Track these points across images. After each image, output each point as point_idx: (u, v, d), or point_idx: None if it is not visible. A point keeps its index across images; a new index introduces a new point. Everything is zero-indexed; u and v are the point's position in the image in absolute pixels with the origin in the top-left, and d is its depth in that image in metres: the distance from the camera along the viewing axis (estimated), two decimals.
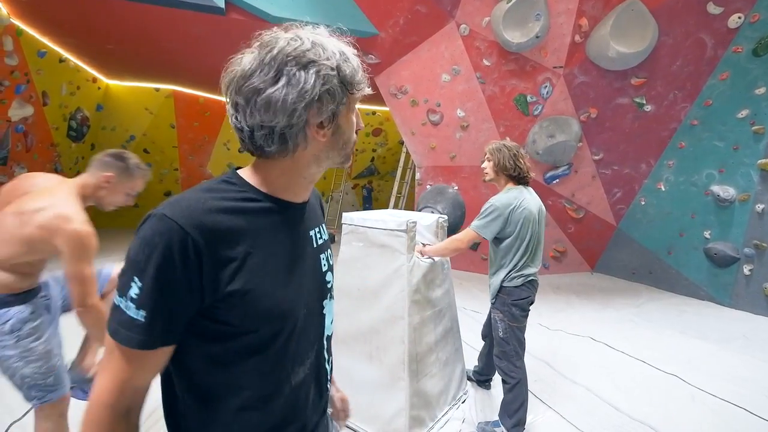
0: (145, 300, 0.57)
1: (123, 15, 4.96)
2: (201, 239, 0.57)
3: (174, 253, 0.56)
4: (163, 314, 0.58)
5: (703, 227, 4.79)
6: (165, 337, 0.59)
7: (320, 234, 0.81)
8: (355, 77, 0.69)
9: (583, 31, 4.51)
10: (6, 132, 5.82)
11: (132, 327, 0.57)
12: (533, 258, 2.15)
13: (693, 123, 4.89)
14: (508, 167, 2.16)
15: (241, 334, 0.63)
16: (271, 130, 0.63)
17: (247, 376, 0.65)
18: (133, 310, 0.57)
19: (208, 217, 0.60)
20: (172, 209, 0.58)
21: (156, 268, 0.56)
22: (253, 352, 0.64)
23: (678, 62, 4.61)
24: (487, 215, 2.13)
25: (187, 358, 0.64)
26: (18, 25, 5.53)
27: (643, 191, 5.49)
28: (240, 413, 0.65)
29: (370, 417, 2.08)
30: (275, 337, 0.65)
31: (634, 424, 2.35)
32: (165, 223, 0.57)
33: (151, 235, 0.57)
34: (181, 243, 0.56)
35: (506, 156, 2.16)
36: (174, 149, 9.53)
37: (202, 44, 5.58)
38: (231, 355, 0.64)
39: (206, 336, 0.62)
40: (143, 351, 0.58)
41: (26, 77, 5.95)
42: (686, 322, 4.09)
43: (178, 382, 0.66)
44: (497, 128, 5.42)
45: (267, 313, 0.64)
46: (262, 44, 0.64)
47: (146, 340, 0.58)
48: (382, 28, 5.39)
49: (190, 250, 0.57)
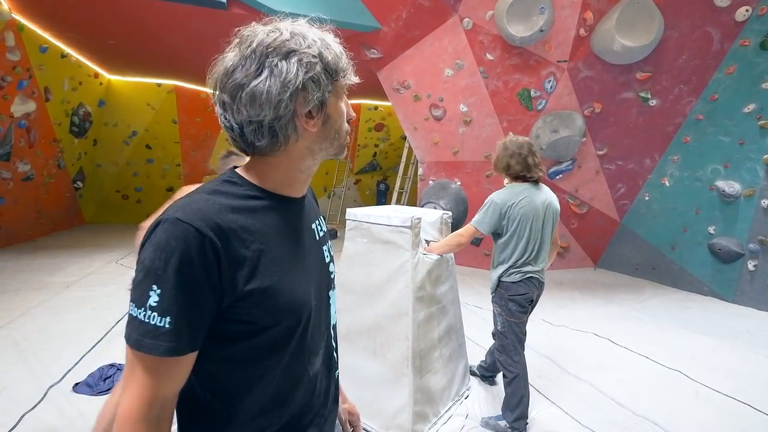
0: (169, 306, 0.55)
1: (124, 10, 4.94)
2: (217, 240, 0.57)
3: (193, 256, 0.56)
4: (189, 318, 0.57)
5: (708, 223, 4.76)
6: (193, 343, 0.58)
7: (320, 227, 0.83)
8: (338, 63, 0.68)
9: (588, 24, 4.46)
10: (9, 128, 5.82)
11: (158, 335, 0.55)
12: (536, 257, 2.12)
13: (698, 118, 4.84)
14: (499, 167, 2.17)
15: (262, 330, 0.63)
16: (260, 124, 0.63)
17: (269, 372, 0.66)
18: (157, 318, 0.55)
19: (221, 218, 0.59)
20: (185, 212, 0.58)
21: (176, 272, 0.55)
22: (274, 347, 0.65)
23: (684, 56, 4.56)
24: (484, 210, 2.14)
25: (205, 362, 0.62)
26: (19, 21, 5.51)
27: (647, 186, 5.46)
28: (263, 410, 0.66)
29: (373, 413, 2.09)
30: (293, 330, 0.66)
31: (637, 419, 2.35)
32: (180, 226, 0.57)
33: (167, 240, 0.56)
34: (199, 245, 0.56)
35: (500, 156, 2.17)
36: (176, 145, 9.51)
37: (204, 39, 5.55)
38: (252, 353, 0.64)
39: (225, 337, 0.62)
40: (171, 358, 0.57)
41: (28, 73, 5.94)
42: (690, 318, 4.08)
43: (198, 384, 0.65)
44: (500, 123, 5.39)
45: (285, 307, 0.65)
46: (241, 39, 0.64)
47: (175, 347, 0.56)
48: (384, 23, 5.35)
49: (209, 251, 0.57)
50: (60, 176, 7.49)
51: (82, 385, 2.42)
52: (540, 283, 2.18)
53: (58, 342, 3.03)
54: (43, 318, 3.49)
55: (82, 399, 2.33)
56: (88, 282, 4.59)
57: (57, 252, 5.95)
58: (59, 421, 2.12)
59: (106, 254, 5.86)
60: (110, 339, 3.13)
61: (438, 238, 2.32)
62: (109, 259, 5.59)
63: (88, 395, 2.35)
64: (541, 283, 2.18)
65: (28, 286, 4.30)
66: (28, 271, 4.84)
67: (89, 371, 2.56)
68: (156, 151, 9.34)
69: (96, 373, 2.52)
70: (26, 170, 6.40)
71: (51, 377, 2.54)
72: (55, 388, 2.42)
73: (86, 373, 2.54)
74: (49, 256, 5.64)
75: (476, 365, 2.74)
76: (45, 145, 6.80)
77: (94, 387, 2.40)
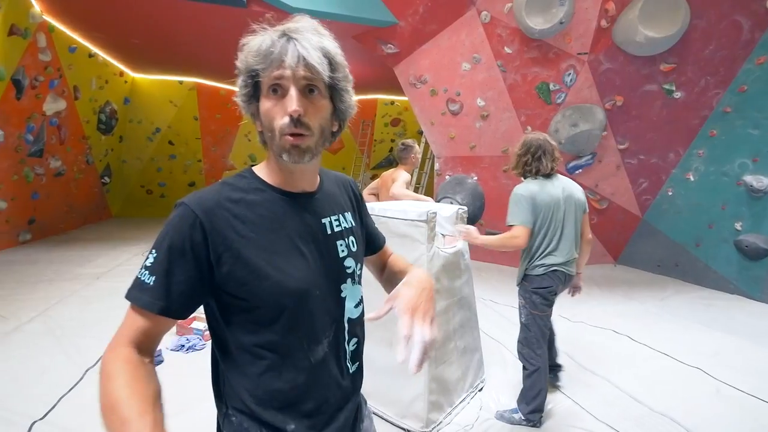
0: (156, 267, 0.67)
1: (148, 10, 5.09)
2: (207, 222, 0.68)
3: (184, 231, 0.67)
4: (169, 280, 0.66)
5: (734, 218, 4.62)
6: (168, 307, 0.67)
7: (338, 222, 0.84)
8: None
9: (610, 15, 4.36)
10: (42, 126, 6.09)
11: (143, 290, 0.67)
12: (556, 247, 2.11)
13: (726, 110, 4.68)
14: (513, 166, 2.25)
15: (252, 308, 0.71)
16: None
17: (263, 349, 0.73)
18: (147, 275, 0.67)
19: (218, 205, 0.70)
20: (190, 198, 0.70)
21: (169, 242, 0.67)
22: (264, 326, 0.72)
23: (711, 46, 4.41)
24: (518, 206, 2.11)
25: (219, 329, 0.74)
26: (50, 22, 5.74)
27: (670, 181, 5.32)
28: (261, 378, 0.73)
29: (390, 401, 2.14)
30: (281, 314, 0.72)
31: (654, 416, 2.33)
32: (182, 208, 0.69)
33: (172, 218, 0.69)
34: (191, 223, 0.67)
35: (514, 154, 2.24)
36: (197, 141, 9.75)
37: (224, 36, 5.66)
38: (247, 328, 0.72)
39: (229, 309, 0.72)
40: (147, 312, 0.66)
41: (59, 72, 6.19)
42: (713, 316, 3.98)
43: (216, 349, 0.77)
44: (518, 117, 5.33)
45: (272, 289, 0.70)
46: None
47: (150, 302, 0.66)
48: (401, 17, 5.35)
49: (197, 229, 0.67)
50: (89, 172, 7.80)
51: None
52: (566, 277, 2.16)
53: (92, 329, 3.20)
54: (77, 306, 3.68)
55: None
56: (116, 273, 4.79)
57: (87, 244, 6.22)
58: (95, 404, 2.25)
59: (132, 247, 6.10)
60: None
61: (453, 232, 2.34)
62: (136, 252, 5.81)
63: None
64: (567, 276, 2.17)
65: (61, 277, 4.53)
66: (60, 263, 5.09)
67: None
68: (178, 147, 9.60)
69: None
70: (58, 166, 6.70)
71: (87, 361, 2.69)
72: (92, 371, 2.58)
73: None
74: (80, 249, 5.91)
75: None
76: (74, 141, 7.09)
77: None
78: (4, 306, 3.60)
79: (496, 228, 5.86)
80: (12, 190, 5.64)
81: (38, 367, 2.61)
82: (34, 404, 2.21)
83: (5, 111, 5.24)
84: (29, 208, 6.11)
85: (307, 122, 0.68)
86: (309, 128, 0.69)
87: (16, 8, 4.92)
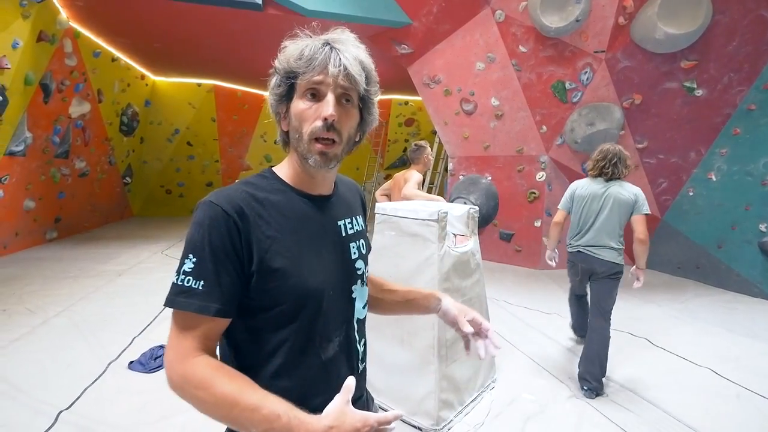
0: (202, 271, 0.66)
1: (168, 14, 5.23)
2: (239, 221, 0.69)
3: (222, 232, 0.67)
4: (219, 281, 0.67)
5: (759, 220, 4.48)
6: (222, 308, 0.68)
7: (351, 224, 0.86)
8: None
9: (628, 12, 4.28)
10: (67, 128, 6.32)
11: (191, 295, 0.66)
12: (585, 233, 2.67)
13: (750, 108, 4.54)
14: (590, 168, 2.73)
15: (271, 307, 0.72)
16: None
17: (279, 347, 0.74)
18: (192, 281, 0.66)
19: (246, 205, 0.71)
20: (217, 197, 0.70)
21: (210, 244, 0.67)
22: (282, 325, 0.74)
23: (734, 42, 4.28)
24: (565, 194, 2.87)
25: (233, 331, 0.74)
26: (76, 28, 5.95)
27: (691, 181, 5.18)
28: (273, 379, 0.75)
29: (401, 398, 2.16)
30: (299, 312, 0.74)
31: (670, 420, 2.29)
32: (212, 208, 0.69)
33: (203, 218, 0.68)
34: (226, 223, 0.68)
35: (593, 159, 2.72)
36: (215, 142, 9.95)
37: (241, 39, 5.78)
38: (265, 327, 0.74)
39: (246, 311, 0.72)
40: (201, 316, 0.66)
41: (83, 76, 6.42)
42: (736, 319, 3.87)
43: (228, 347, 0.77)
44: (533, 117, 5.28)
45: (292, 290, 0.72)
46: None
47: (206, 306, 0.66)
48: (415, 18, 5.36)
49: (233, 229, 0.68)
50: (111, 172, 8.06)
51: (135, 364, 2.65)
52: (586, 257, 2.67)
53: (114, 324, 3.31)
54: (100, 302, 3.82)
55: (137, 375, 2.56)
56: (137, 270, 4.95)
57: (109, 242, 6.43)
58: (117, 395, 2.35)
59: (152, 245, 6.27)
60: (159, 322, 3.38)
61: (465, 232, 2.35)
62: (156, 250, 5.98)
63: (141, 372, 2.57)
64: (587, 257, 2.66)
65: (85, 274, 4.70)
66: (84, 260, 5.28)
67: (141, 351, 2.80)
68: (196, 148, 9.82)
69: (147, 353, 2.75)
70: (82, 167, 6.94)
71: (110, 354, 2.80)
72: (114, 364, 2.68)
73: (139, 353, 2.78)
74: (103, 246, 6.11)
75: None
76: (98, 143, 7.34)
77: (146, 365, 2.62)
78: (33, 301, 3.77)
79: (510, 228, 5.80)
80: (40, 190, 5.88)
81: (64, 359, 2.72)
82: (61, 395, 2.31)
83: (34, 114, 5.46)
84: (56, 208, 6.35)
85: (339, 128, 0.71)
86: (339, 134, 0.72)
87: (45, 15, 5.13)
